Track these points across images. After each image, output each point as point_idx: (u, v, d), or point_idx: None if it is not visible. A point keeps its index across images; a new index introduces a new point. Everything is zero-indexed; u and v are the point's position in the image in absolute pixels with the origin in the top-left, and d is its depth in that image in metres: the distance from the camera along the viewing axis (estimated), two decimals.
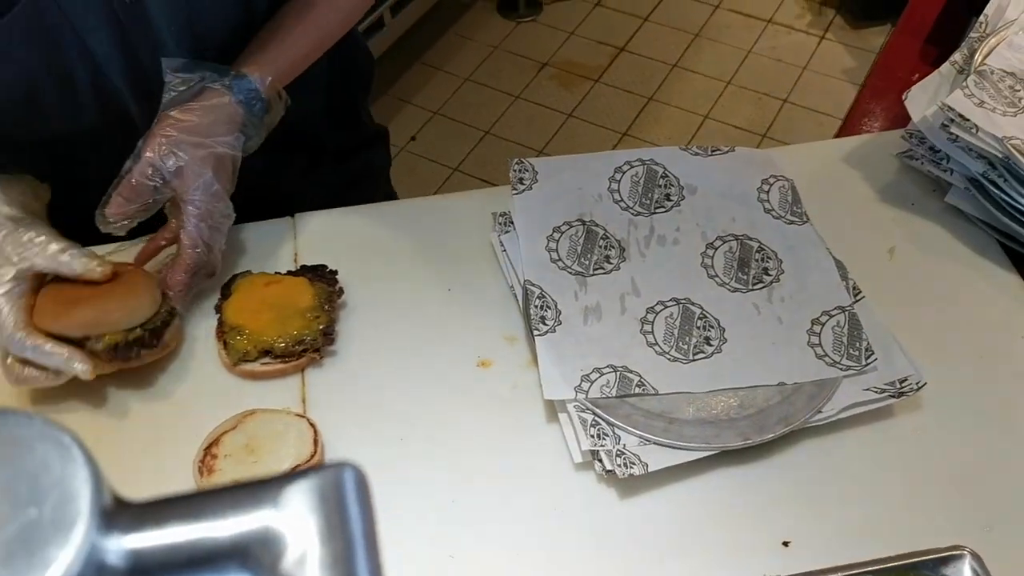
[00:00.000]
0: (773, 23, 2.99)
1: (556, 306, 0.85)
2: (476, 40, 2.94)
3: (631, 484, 0.75)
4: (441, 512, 0.75)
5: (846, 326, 0.84)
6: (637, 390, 0.79)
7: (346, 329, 0.87)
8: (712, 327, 0.85)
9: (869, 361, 0.81)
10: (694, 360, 0.83)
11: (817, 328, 0.84)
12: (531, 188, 0.94)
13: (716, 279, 0.89)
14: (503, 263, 0.91)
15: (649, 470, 0.73)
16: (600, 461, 0.75)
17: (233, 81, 0.82)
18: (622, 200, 0.95)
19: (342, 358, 0.85)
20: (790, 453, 0.78)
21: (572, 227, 0.92)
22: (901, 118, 1.00)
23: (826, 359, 0.82)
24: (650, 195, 0.96)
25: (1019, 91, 0.94)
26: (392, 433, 0.80)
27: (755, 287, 0.89)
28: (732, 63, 2.85)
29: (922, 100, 0.96)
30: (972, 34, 1.03)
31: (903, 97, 0.96)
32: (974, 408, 0.82)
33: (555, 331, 0.83)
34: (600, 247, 0.91)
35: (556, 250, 0.90)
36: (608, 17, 3.03)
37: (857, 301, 0.87)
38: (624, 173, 0.97)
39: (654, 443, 0.75)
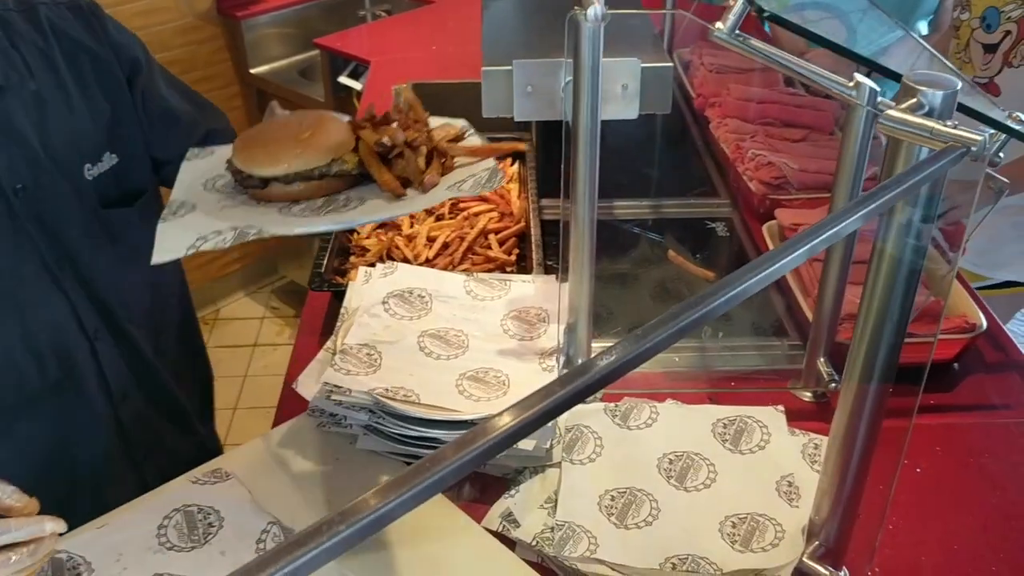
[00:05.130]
0: (259, 345, 3.32)
1: None
2: None
3: None
4: None
5: None
6: None
7: None
8: None
9: None
10: None
11: None
12: None
13: None
14: None
15: None
16: None
17: None
18: None
19: None
20: None
21: None
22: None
23: None
24: None
25: (373, 355, 1.27)
26: None
27: None
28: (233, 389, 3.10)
29: (310, 383, 1.25)
30: (338, 324, 1.36)
31: (293, 385, 1.24)
32: None
33: None
34: None
35: None
36: None
37: None
38: None
39: None
